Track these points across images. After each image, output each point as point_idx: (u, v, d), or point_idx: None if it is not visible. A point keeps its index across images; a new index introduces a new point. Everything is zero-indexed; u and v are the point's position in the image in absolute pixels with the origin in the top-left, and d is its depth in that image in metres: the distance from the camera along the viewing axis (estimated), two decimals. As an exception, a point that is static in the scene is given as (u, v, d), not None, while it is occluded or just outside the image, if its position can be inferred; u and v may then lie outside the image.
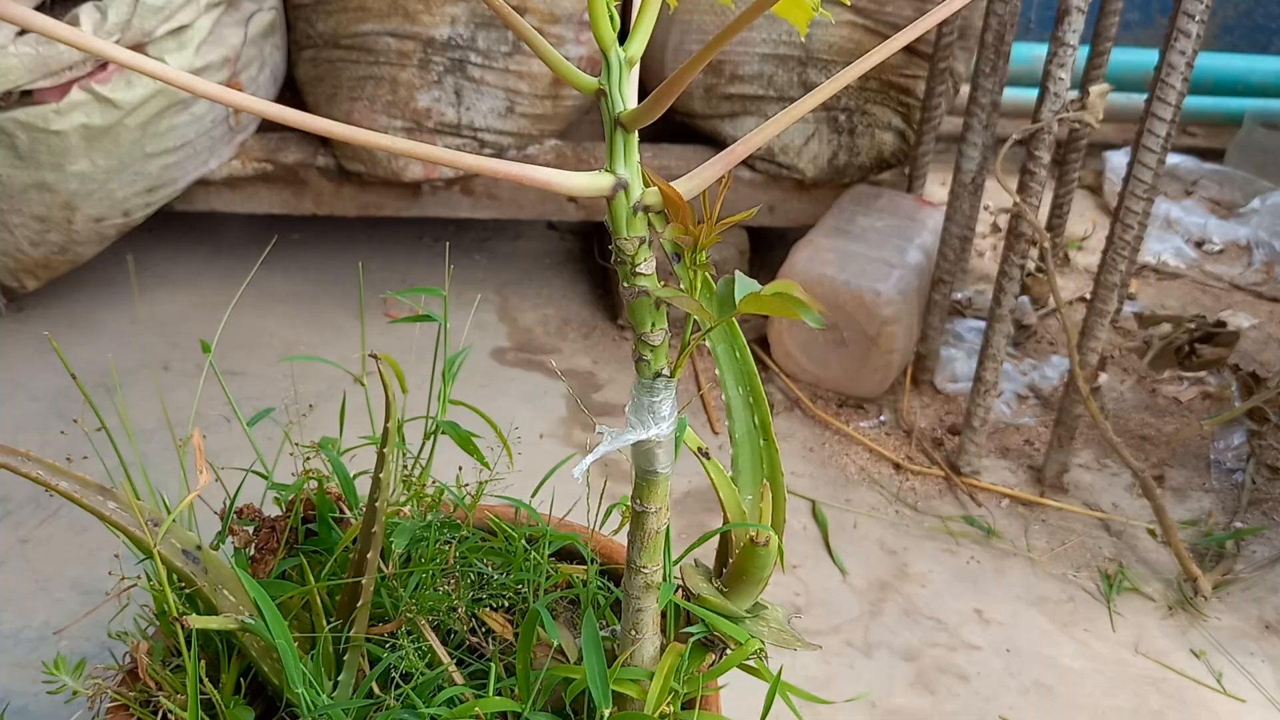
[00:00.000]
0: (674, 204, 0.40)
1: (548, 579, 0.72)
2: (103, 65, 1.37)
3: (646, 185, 0.41)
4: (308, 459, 0.78)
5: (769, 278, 1.62)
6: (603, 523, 0.77)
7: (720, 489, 0.62)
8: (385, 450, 0.63)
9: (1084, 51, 1.62)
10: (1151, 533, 1.32)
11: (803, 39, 1.58)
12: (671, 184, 0.41)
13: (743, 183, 1.69)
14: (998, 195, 2.17)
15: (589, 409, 1.51)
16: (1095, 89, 1.23)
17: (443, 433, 0.75)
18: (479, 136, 1.58)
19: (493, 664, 0.65)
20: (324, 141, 1.65)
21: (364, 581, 0.65)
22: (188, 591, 0.67)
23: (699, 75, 1.60)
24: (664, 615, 0.62)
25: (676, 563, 0.64)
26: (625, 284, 0.43)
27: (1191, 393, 1.60)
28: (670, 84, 0.37)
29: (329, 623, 0.65)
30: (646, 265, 0.42)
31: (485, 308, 1.73)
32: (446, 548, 0.73)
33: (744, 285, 0.45)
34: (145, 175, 1.48)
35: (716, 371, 0.64)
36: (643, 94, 0.36)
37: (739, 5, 1.53)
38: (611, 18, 0.38)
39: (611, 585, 0.75)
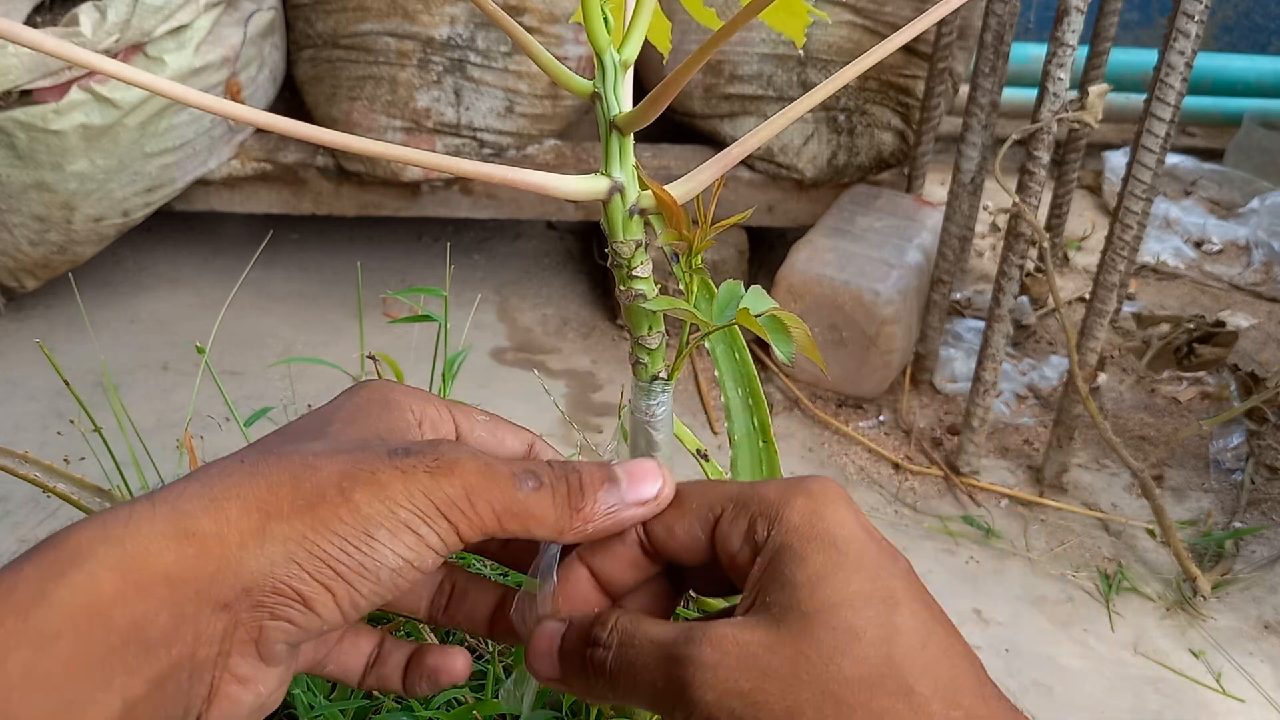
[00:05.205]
0: (668, 208, 0.40)
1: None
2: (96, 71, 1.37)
3: (643, 188, 0.41)
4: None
5: (768, 278, 1.63)
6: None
7: (718, 490, 0.62)
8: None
9: (1083, 52, 1.62)
10: (1150, 533, 1.32)
11: (799, 48, 1.58)
12: (667, 187, 0.41)
13: (742, 183, 1.69)
14: (997, 195, 2.17)
15: (588, 409, 1.51)
16: (1094, 89, 1.23)
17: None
18: (478, 136, 1.58)
19: (491, 665, 0.65)
20: (321, 145, 1.65)
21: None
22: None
23: (698, 75, 1.60)
24: (662, 617, 0.62)
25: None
26: (622, 287, 0.43)
27: (1190, 393, 1.60)
28: (666, 86, 0.37)
29: (327, 624, 0.65)
30: (643, 269, 0.42)
31: (485, 308, 1.73)
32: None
33: (751, 298, 0.44)
34: (144, 175, 1.48)
35: (716, 373, 0.64)
36: (643, 93, 0.36)
37: (735, 7, 1.53)
38: (606, 20, 0.38)
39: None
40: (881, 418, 1.52)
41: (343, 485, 0.31)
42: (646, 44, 0.42)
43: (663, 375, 0.45)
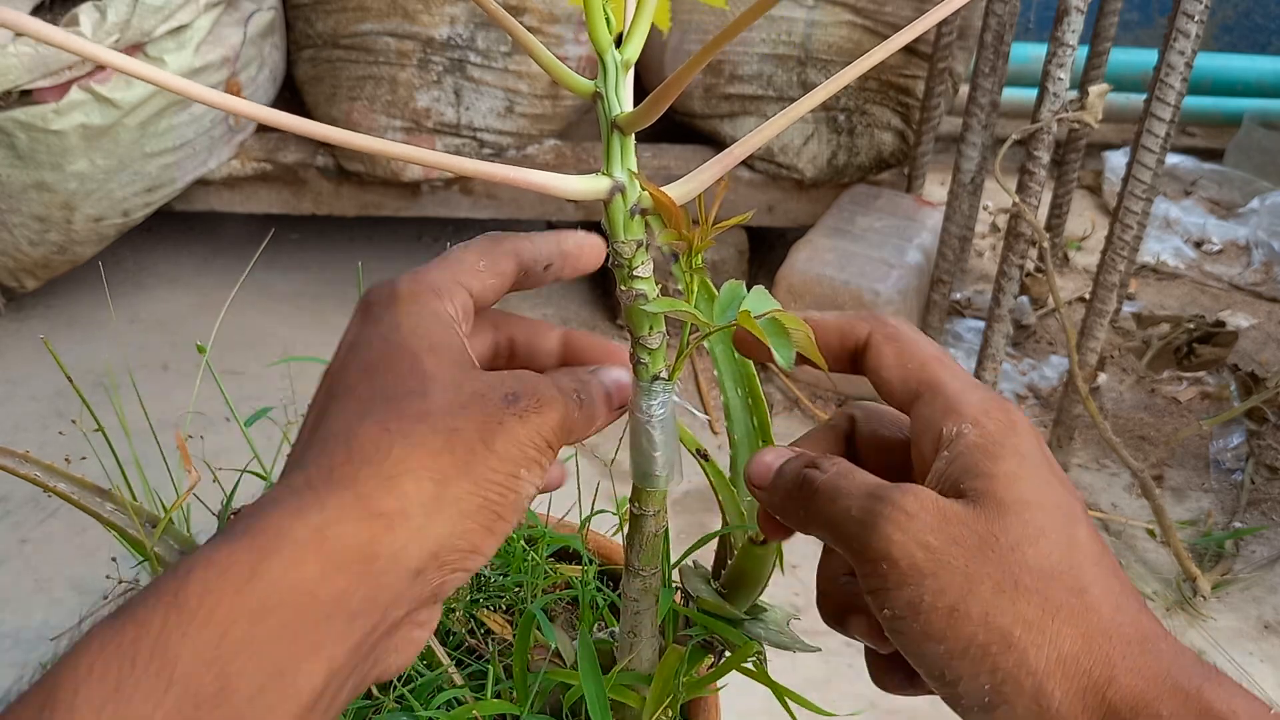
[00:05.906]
0: (667, 209, 0.40)
1: (545, 579, 0.72)
2: (102, 64, 1.37)
3: (644, 188, 0.41)
4: (306, 460, 0.78)
5: (768, 278, 1.63)
6: (589, 518, 0.77)
7: (719, 491, 0.62)
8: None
9: (1083, 52, 1.62)
10: (1150, 533, 1.32)
11: (797, 39, 1.58)
12: (667, 187, 0.41)
13: (742, 183, 1.69)
14: (997, 195, 2.17)
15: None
16: (1094, 89, 1.23)
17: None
18: (478, 136, 1.58)
19: (491, 665, 0.65)
20: (323, 140, 1.65)
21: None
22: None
23: (698, 75, 1.60)
24: (662, 616, 0.62)
25: (675, 565, 0.64)
26: (623, 287, 0.43)
27: (1190, 393, 1.60)
28: (668, 86, 0.37)
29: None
30: (644, 269, 0.42)
31: (484, 307, 1.73)
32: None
33: (754, 299, 0.44)
34: (144, 175, 1.48)
35: (716, 373, 0.64)
36: (643, 94, 0.36)
37: (737, 6, 1.53)
38: (608, 19, 0.38)
39: (611, 585, 0.75)
40: (881, 418, 1.52)
41: (484, 439, 0.35)
42: (646, 44, 0.42)
43: (664, 375, 0.45)
